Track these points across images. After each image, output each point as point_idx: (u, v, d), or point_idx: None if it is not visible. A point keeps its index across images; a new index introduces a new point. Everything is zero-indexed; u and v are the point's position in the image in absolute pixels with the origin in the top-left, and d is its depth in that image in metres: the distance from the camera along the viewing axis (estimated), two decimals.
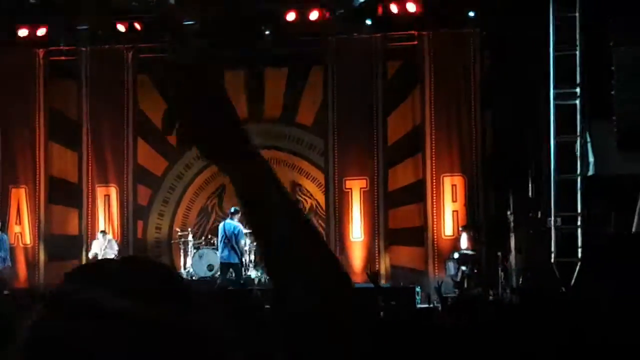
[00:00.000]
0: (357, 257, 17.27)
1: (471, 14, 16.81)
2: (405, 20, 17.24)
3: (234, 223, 16.49)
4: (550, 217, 13.97)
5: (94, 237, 17.72)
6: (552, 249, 13.75)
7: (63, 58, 18.18)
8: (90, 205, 17.92)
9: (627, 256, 11.70)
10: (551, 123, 14.06)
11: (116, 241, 17.60)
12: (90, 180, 17.97)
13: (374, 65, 17.50)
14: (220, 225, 16.79)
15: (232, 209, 16.67)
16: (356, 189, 17.53)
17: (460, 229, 16.43)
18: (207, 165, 18.85)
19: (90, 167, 17.97)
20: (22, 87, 17.95)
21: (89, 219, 17.97)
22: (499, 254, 15.24)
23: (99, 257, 16.91)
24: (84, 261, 17.55)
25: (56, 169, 18.32)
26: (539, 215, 14.55)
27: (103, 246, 17.05)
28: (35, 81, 18.03)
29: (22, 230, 18.01)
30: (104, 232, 17.42)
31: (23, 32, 17.60)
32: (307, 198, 18.70)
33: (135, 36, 17.79)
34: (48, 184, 18.13)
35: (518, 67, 15.23)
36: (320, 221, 18.00)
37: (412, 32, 17.43)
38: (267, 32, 17.67)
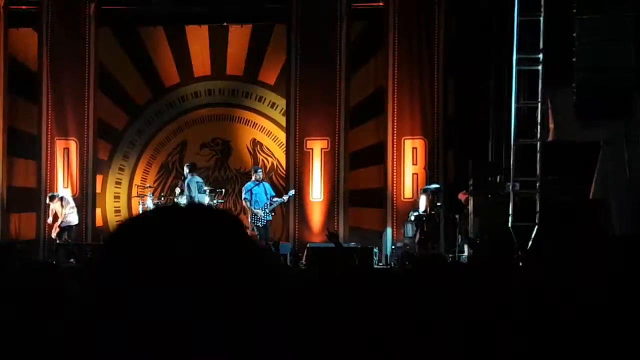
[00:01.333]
0: (316, 217, 17.32)
1: None
2: None
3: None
4: (509, 181, 14.10)
5: (52, 190, 17.50)
6: (510, 213, 13.90)
7: (24, 7, 17.85)
8: (49, 158, 17.69)
9: (584, 221, 11.90)
10: (513, 88, 14.13)
11: (73, 196, 17.41)
12: (49, 133, 17.70)
13: (338, 25, 17.41)
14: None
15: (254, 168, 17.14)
16: (317, 149, 17.53)
17: (420, 191, 16.52)
18: (169, 121, 18.83)
19: (49, 120, 17.72)
20: None
21: (48, 172, 17.74)
22: (457, 216, 15.38)
23: (59, 215, 16.76)
24: (42, 214, 17.41)
25: (15, 120, 18.03)
26: (498, 180, 14.67)
27: (59, 205, 16.82)
28: None
29: None
30: (53, 195, 17.15)
31: None
32: (267, 157, 18.72)
33: None
34: (7, 135, 17.87)
35: (483, 32, 15.27)
36: (280, 180, 18.04)
37: None
38: None
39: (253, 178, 16.84)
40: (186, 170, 17.11)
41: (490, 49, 15.28)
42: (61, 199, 16.91)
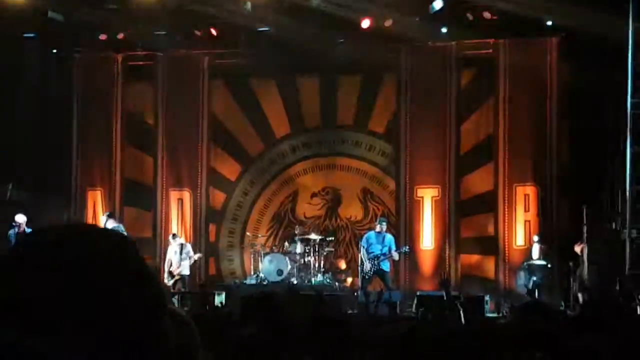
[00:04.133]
0: (427, 265, 17.18)
1: (549, 22, 16.58)
2: (481, 28, 17.10)
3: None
4: (626, 228, 13.69)
5: (167, 240, 17.80)
6: (627, 260, 13.48)
7: (141, 63, 18.49)
8: (163, 209, 18.11)
9: None
10: (628, 133, 13.79)
11: (190, 244, 17.54)
12: (164, 184, 18.17)
13: (448, 73, 17.37)
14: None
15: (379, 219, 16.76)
16: (428, 197, 17.43)
17: (533, 238, 16.17)
18: (280, 171, 19.03)
19: (164, 171, 18.20)
20: (101, 91, 18.29)
21: (163, 222, 18.17)
22: (571, 264, 14.99)
23: (174, 263, 16.92)
24: (156, 263, 17.70)
25: (131, 172, 18.54)
26: (614, 227, 14.26)
27: (176, 250, 16.99)
28: (113, 85, 18.36)
29: None
30: (174, 235, 17.42)
31: (103, 37, 17.92)
32: (378, 205, 18.68)
33: (211, 42, 18.00)
34: (123, 186, 18.39)
35: (597, 76, 14.95)
36: (391, 228, 17.94)
37: (488, 40, 17.28)
38: (341, 40, 17.70)
39: (377, 229, 16.46)
40: (104, 219, 16.59)
41: (605, 94, 14.96)
42: (181, 245, 17.11)
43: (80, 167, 18.38)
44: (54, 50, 18.34)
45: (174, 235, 17.28)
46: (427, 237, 17.31)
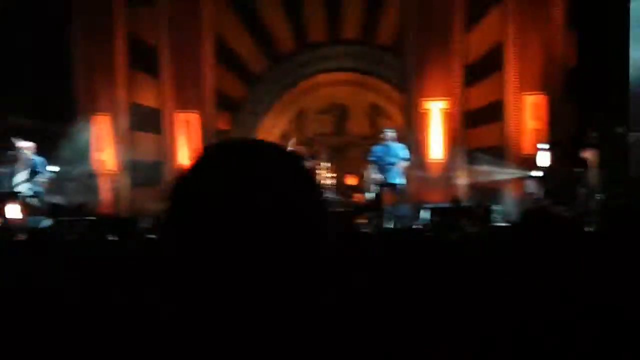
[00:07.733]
0: (435, 176, 17.19)
1: None
2: None
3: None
4: (631, 132, 13.62)
5: (173, 163, 17.83)
6: (632, 164, 13.44)
7: None
8: (171, 131, 18.12)
9: None
10: (630, 36, 13.61)
11: None
12: (170, 106, 18.14)
13: None
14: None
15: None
16: (436, 109, 17.34)
17: (540, 146, 16.12)
18: (286, 88, 18.96)
19: (170, 93, 18.14)
20: (102, 15, 18.08)
21: (170, 145, 18.19)
22: (578, 170, 14.94)
23: None
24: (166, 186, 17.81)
25: (137, 96, 18.43)
26: (622, 131, 14.17)
27: None
28: (115, 8, 18.13)
29: (106, 157, 18.29)
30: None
31: None
32: (386, 120, 18.63)
33: None
34: (130, 111, 18.28)
35: None
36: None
37: None
38: None
39: (383, 140, 16.34)
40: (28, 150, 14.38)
41: None
42: None
43: (85, 94, 18.26)
44: None
45: None
46: (436, 149, 17.27)
